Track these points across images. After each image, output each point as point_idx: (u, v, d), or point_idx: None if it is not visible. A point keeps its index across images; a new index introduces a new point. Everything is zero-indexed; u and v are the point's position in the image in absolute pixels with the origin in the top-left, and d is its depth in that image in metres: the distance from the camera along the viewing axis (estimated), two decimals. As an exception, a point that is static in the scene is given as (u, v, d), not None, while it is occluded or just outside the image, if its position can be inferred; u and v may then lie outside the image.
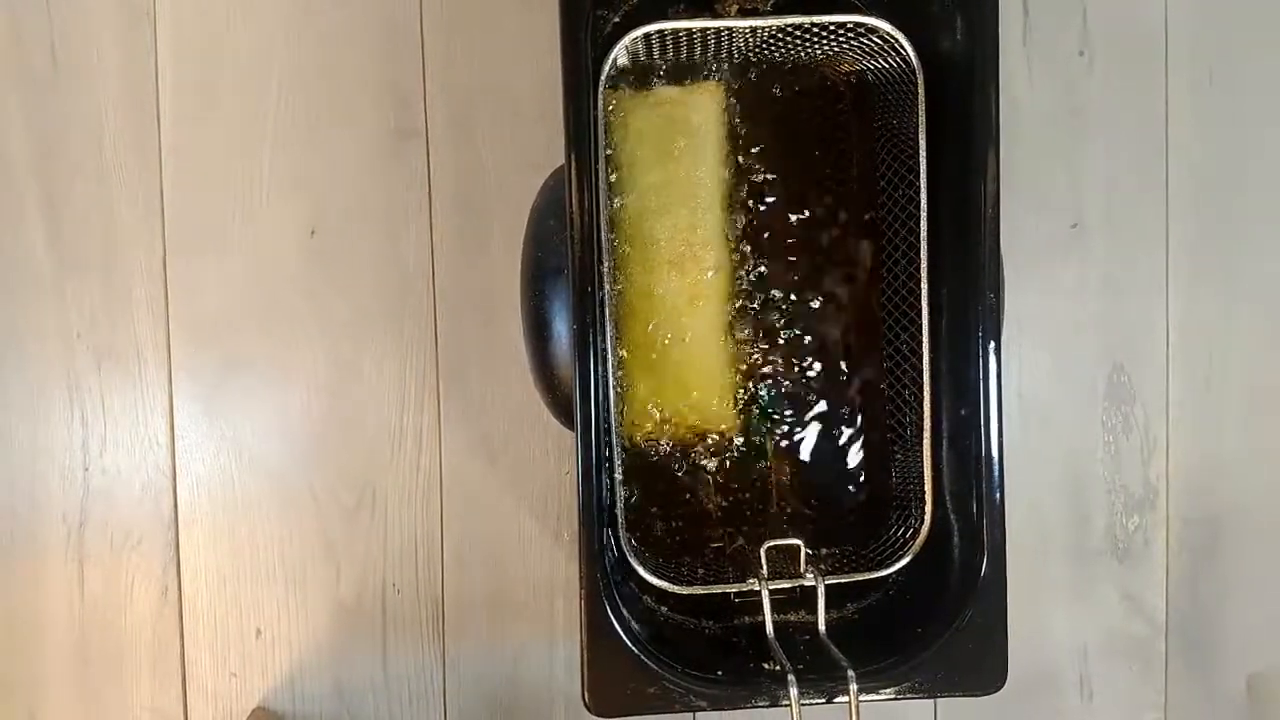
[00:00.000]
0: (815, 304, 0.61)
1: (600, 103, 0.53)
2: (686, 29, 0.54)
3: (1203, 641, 0.72)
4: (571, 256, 0.51)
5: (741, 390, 0.61)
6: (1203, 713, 0.73)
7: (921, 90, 0.54)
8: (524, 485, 0.69)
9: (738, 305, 0.61)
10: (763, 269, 0.61)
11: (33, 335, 0.67)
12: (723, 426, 0.61)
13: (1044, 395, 0.71)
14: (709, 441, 0.61)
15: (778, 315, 0.61)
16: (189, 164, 0.67)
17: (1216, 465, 0.72)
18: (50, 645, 0.67)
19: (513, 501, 0.69)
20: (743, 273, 0.61)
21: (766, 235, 0.61)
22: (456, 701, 0.69)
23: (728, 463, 0.61)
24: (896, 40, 0.54)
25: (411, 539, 0.68)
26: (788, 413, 0.61)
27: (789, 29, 0.55)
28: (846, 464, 0.61)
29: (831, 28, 0.55)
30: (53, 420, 0.67)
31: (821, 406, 0.61)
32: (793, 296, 0.61)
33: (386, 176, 0.67)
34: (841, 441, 0.61)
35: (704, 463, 0.61)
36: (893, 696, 0.51)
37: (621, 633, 0.51)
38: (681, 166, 0.60)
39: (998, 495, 0.52)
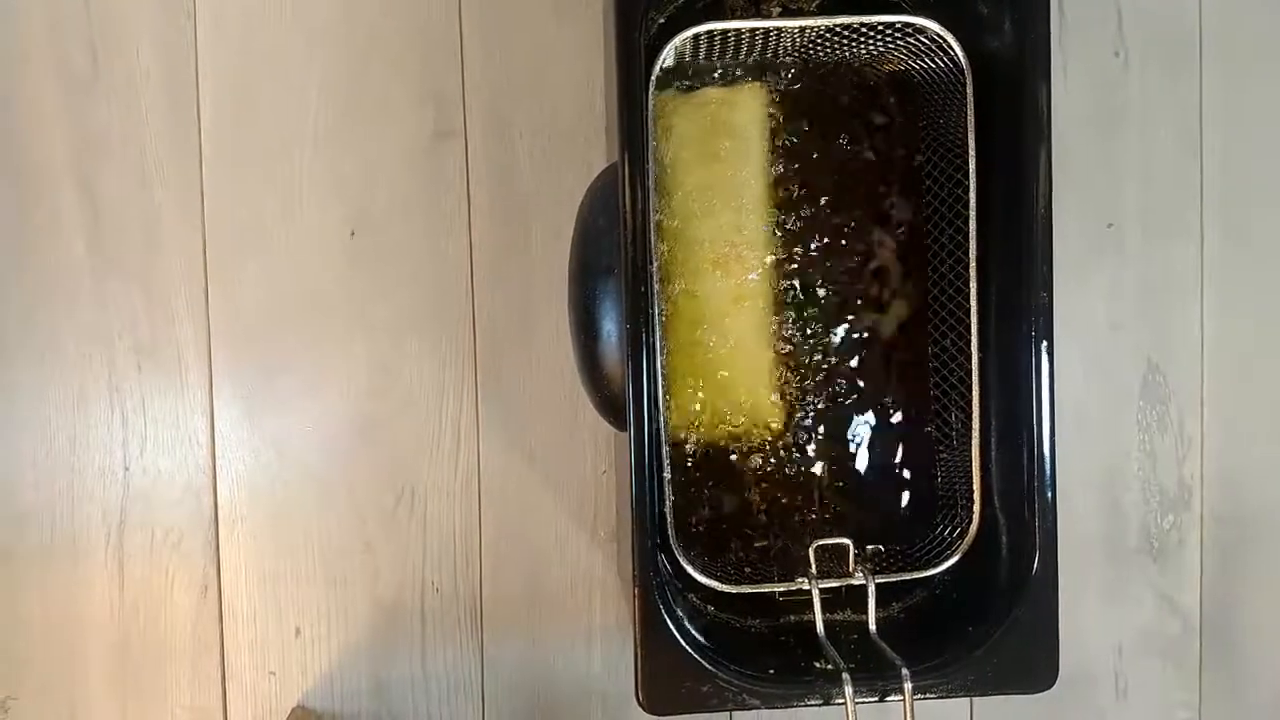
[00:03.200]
0: (860, 304, 0.61)
1: (650, 103, 0.54)
2: (736, 29, 0.54)
3: (1236, 640, 0.72)
4: (624, 256, 0.51)
5: (785, 390, 0.61)
6: (1236, 711, 0.73)
7: (970, 90, 0.54)
8: (562, 484, 0.69)
9: (782, 305, 0.61)
10: (807, 269, 0.61)
11: (73, 335, 0.67)
12: (767, 426, 0.61)
13: (1079, 394, 0.71)
14: (753, 441, 0.61)
15: (822, 315, 0.61)
16: (229, 165, 0.67)
17: (1251, 464, 0.72)
18: (90, 644, 0.67)
19: (550, 500, 0.69)
20: (787, 273, 0.61)
21: (811, 235, 0.61)
22: (494, 700, 0.69)
23: (772, 462, 0.62)
24: (945, 40, 0.54)
25: (450, 538, 0.68)
26: (832, 412, 0.61)
27: (837, 29, 0.55)
28: (891, 463, 0.61)
29: (879, 28, 0.55)
30: (93, 420, 0.67)
31: (866, 406, 0.61)
32: (837, 296, 0.61)
33: (425, 177, 0.68)
34: (886, 441, 0.61)
35: (748, 462, 0.62)
36: (945, 695, 0.52)
37: (675, 632, 0.51)
38: (726, 167, 0.60)
39: (1049, 493, 0.52)
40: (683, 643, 0.51)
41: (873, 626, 0.54)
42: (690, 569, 0.55)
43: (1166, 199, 0.71)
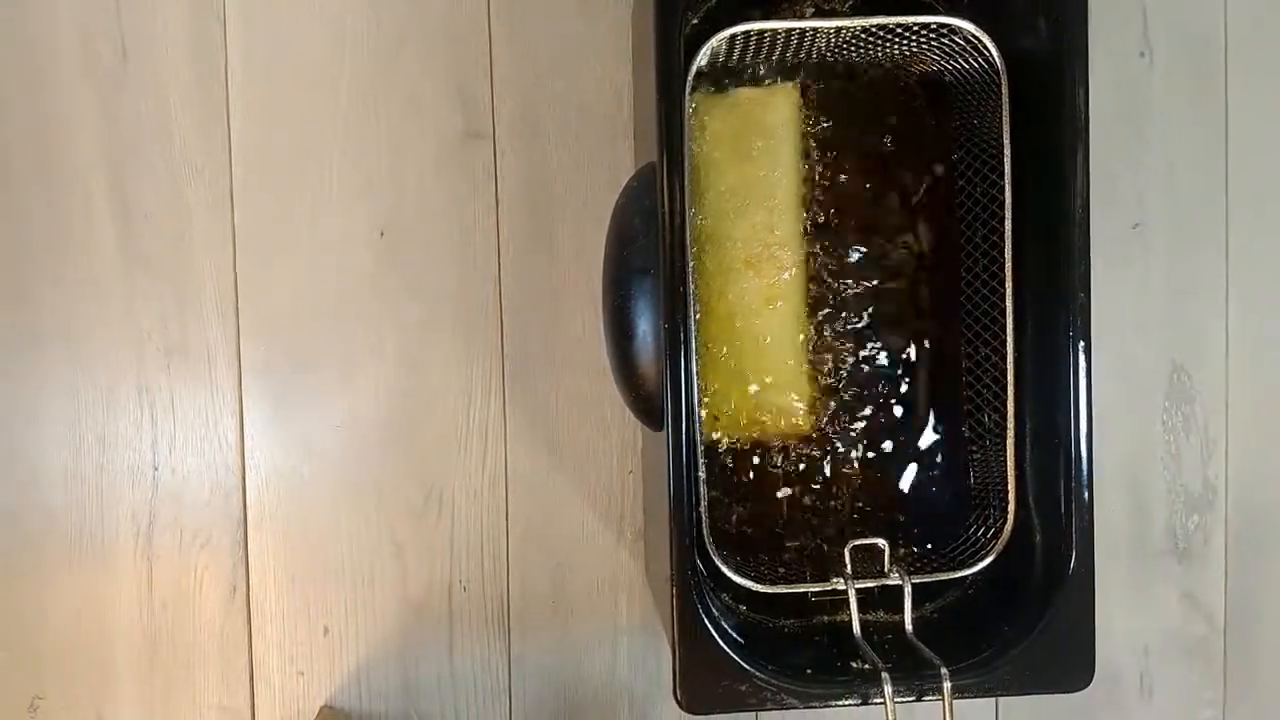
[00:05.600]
0: (893, 304, 0.61)
1: (687, 103, 0.54)
2: (772, 30, 0.54)
3: (1261, 640, 0.72)
4: (663, 256, 0.51)
5: (818, 390, 0.62)
6: (1260, 711, 0.73)
7: (1005, 91, 0.54)
8: (588, 483, 0.69)
9: (814, 305, 0.61)
10: (840, 269, 0.61)
11: (102, 334, 0.67)
12: (799, 426, 0.61)
13: (1104, 395, 0.71)
14: (785, 441, 0.62)
15: (854, 315, 0.61)
16: (259, 164, 0.67)
17: (1275, 464, 0.72)
18: (119, 644, 0.67)
19: (577, 499, 0.69)
20: (820, 273, 0.61)
21: (843, 235, 0.61)
22: (521, 698, 0.69)
23: (803, 462, 0.62)
24: (980, 41, 0.55)
25: (478, 537, 0.69)
26: (864, 413, 0.62)
27: (872, 29, 0.55)
28: (924, 464, 0.61)
29: (914, 28, 0.55)
30: (122, 420, 0.67)
31: (899, 407, 0.61)
32: (870, 296, 0.62)
33: (454, 177, 0.68)
34: (919, 442, 0.61)
35: (780, 462, 0.62)
36: (981, 694, 0.52)
37: (713, 631, 0.51)
38: (759, 167, 0.60)
39: (1086, 494, 0.52)
40: (721, 642, 0.51)
41: (909, 626, 0.54)
42: (725, 569, 0.55)
43: (1192, 200, 0.71)
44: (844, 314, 0.62)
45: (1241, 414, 0.72)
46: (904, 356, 0.62)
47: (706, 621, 0.51)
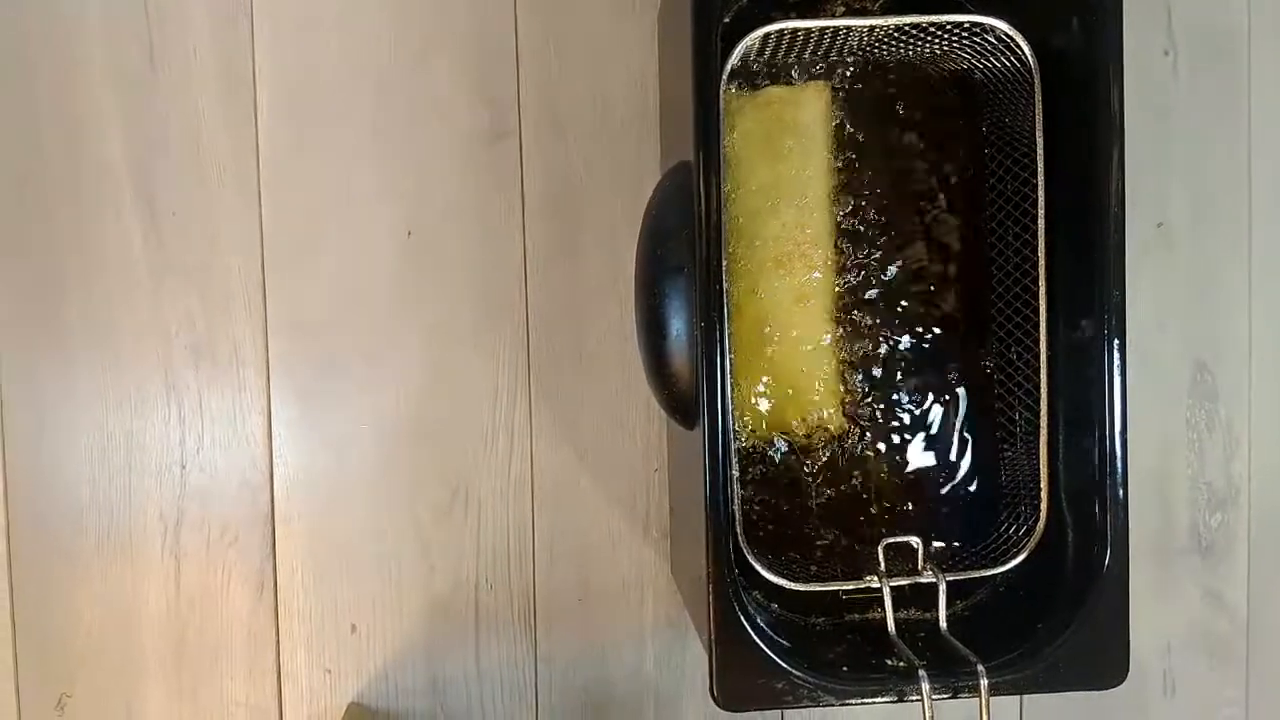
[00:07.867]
0: (924, 301, 0.61)
1: (721, 101, 0.54)
2: (805, 28, 0.55)
3: (1284, 638, 0.73)
4: (698, 255, 0.51)
5: (847, 388, 0.62)
6: (1283, 709, 0.73)
7: (1039, 90, 0.55)
8: (613, 482, 0.69)
9: (844, 304, 0.61)
10: (871, 267, 0.61)
11: (131, 334, 0.67)
12: (829, 425, 0.61)
13: (1128, 393, 0.71)
14: (815, 439, 0.62)
15: (885, 313, 0.62)
16: (286, 164, 0.67)
17: (1299, 462, 0.72)
18: (147, 641, 0.68)
19: (603, 499, 0.69)
20: (850, 271, 0.61)
21: (874, 234, 0.61)
22: (548, 697, 0.69)
23: (833, 460, 0.62)
24: (1013, 40, 0.55)
25: (504, 536, 0.69)
26: (895, 410, 0.62)
27: (905, 28, 0.55)
28: (954, 462, 0.61)
29: (947, 27, 0.55)
30: (150, 419, 0.67)
31: (929, 405, 0.61)
32: (901, 295, 0.62)
33: (481, 177, 0.68)
34: (949, 440, 0.61)
35: (810, 461, 0.62)
36: (1015, 691, 0.52)
37: (750, 629, 0.51)
38: (790, 166, 0.60)
39: (1121, 491, 0.52)
40: (758, 640, 0.51)
41: (943, 624, 0.54)
42: (758, 566, 0.55)
43: (1215, 199, 0.71)
44: (874, 313, 0.62)
45: (1265, 412, 0.72)
46: (935, 355, 0.62)
47: (743, 620, 0.51)
